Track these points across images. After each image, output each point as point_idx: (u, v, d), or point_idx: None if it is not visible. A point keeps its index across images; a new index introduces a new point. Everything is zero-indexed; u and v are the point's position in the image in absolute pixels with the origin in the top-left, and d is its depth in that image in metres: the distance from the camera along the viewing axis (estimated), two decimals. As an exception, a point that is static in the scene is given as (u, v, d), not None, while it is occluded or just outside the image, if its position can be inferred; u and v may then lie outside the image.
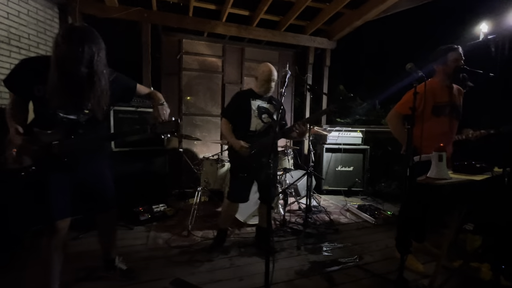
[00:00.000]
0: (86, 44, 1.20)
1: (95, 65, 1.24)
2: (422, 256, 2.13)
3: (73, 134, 1.36)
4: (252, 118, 2.10)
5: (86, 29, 1.24)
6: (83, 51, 1.19)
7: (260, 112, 2.13)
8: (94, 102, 1.33)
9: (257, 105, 2.14)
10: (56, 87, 1.23)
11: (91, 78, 1.26)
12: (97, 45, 1.25)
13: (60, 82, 1.22)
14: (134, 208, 2.80)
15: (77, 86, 1.26)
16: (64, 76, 1.22)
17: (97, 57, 1.24)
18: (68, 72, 1.21)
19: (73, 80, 1.23)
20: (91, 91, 1.30)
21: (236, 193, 2.18)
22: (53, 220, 1.36)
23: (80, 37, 1.20)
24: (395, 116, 1.99)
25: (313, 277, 1.88)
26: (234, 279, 1.84)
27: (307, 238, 2.49)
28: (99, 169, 1.57)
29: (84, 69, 1.22)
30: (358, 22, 3.79)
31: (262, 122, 2.13)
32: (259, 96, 2.16)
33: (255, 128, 2.11)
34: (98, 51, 1.25)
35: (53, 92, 1.24)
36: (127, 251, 2.16)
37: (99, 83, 1.30)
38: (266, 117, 2.14)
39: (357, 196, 4.04)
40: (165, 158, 3.25)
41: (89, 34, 1.23)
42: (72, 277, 1.76)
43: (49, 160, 1.31)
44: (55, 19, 3.28)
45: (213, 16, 3.88)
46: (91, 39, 1.23)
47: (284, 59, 4.68)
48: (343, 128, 4.13)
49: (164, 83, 4.10)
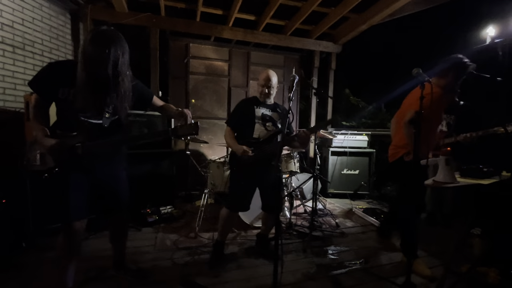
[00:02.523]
0: (113, 46, 1.25)
1: (119, 66, 1.29)
2: (430, 260, 2.12)
3: (95, 137, 1.40)
4: (256, 126, 2.07)
5: (112, 32, 1.29)
6: (109, 53, 1.24)
7: (264, 120, 2.10)
8: (118, 103, 1.37)
9: (261, 113, 2.11)
10: (83, 88, 1.28)
11: (116, 79, 1.30)
12: (122, 48, 1.29)
13: (87, 82, 1.27)
14: (142, 209, 2.85)
15: (103, 86, 1.31)
16: (91, 77, 1.27)
17: (122, 59, 1.29)
18: (94, 73, 1.26)
19: (99, 81, 1.28)
20: (116, 92, 1.34)
21: (237, 202, 2.08)
22: (71, 220, 1.41)
23: (107, 39, 1.25)
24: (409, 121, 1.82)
25: (319, 280, 1.90)
26: (241, 281, 1.86)
27: (313, 241, 2.50)
28: (116, 171, 1.62)
29: (110, 71, 1.26)
30: (363, 26, 3.81)
31: (265, 130, 2.09)
32: (263, 104, 2.13)
33: (258, 135, 2.08)
34: (123, 53, 1.30)
35: (79, 93, 1.29)
36: (136, 252, 2.20)
37: (123, 84, 1.34)
38: (270, 125, 2.10)
39: (363, 199, 4.03)
40: (172, 161, 3.30)
41: (115, 37, 1.28)
42: (82, 277, 1.80)
43: (71, 162, 1.36)
44: (67, 25, 3.38)
45: (220, 21, 3.95)
46: (116, 41, 1.27)
47: (290, 63, 4.72)
48: (348, 131, 4.13)
49: (172, 86, 4.17)
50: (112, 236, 1.79)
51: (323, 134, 3.36)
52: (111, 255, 1.86)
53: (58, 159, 1.34)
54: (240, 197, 2.07)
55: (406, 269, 1.60)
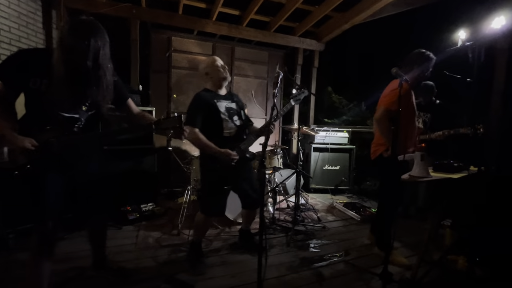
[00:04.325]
0: (93, 38, 1.18)
1: (100, 58, 1.23)
2: (406, 251, 2.25)
3: (71, 132, 1.33)
4: (224, 122, 1.89)
5: (92, 22, 1.23)
6: (89, 44, 1.17)
7: (230, 114, 1.94)
8: (99, 96, 1.31)
9: (224, 107, 1.93)
10: (60, 80, 1.20)
11: (96, 71, 1.24)
12: (102, 39, 1.23)
13: (65, 74, 1.20)
14: (122, 207, 2.76)
15: (82, 79, 1.24)
16: (69, 69, 1.20)
17: (102, 51, 1.23)
18: (73, 65, 1.20)
19: (78, 73, 1.21)
20: (96, 85, 1.28)
21: (215, 207, 1.96)
22: (45, 220, 1.33)
23: (87, 30, 1.18)
24: (385, 115, 1.92)
25: (302, 273, 1.94)
26: (225, 276, 1.86)
27: (296, 235, 2.55)
28: (94, 168, 1.53)
29: (90, 63, 1.20)
30: (346, 26, 3.90)
31: (235, 126, 1.93)
32: (220, 96, 1.98)
33: (229, 133, 1.90)
34: (104, 45, 1.24)
35: (55, 85, 1.21)
36: (116, 251, 2.14)
37: (104, 76, 1.28)
38: (237, 119, 1.97)
39: (344, 194, 4.17)
40: (154, 157, 3.22)
41: (94, 28, 1.21)
42: (61, 277, 1.72)
43: (44, 158, 1.27)
44: (38, 12, 3.16)
45: (203, 14, 3.87)
46: (97, 32, 1.21)
47: (274, 59, 4.74)
48: (330, 128, 4.23)
49: (153, 80, 4.05)
50: (91, 236, 1.72)
51: (305, 131, 3.42)
52: (89, 255, 1.79)
53: (30, 156, 1.24)
54: (218, 202, 1.96)
55: (384, 260, 1.68)
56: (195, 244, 2.06)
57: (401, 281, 1.79)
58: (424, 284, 1.75)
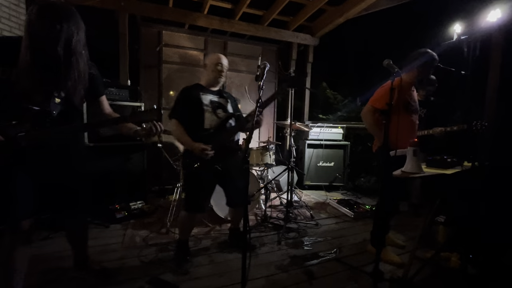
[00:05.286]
0: (64, 22, 1.10)
1: (73, 45, 1.14)
2: (396, 249, 2.21)
3: (42, 125, 1.23)
4: (206, 114, 1.87)
5: (63, 6, 1.14)
6: (61, 30, 1.09)
7: (213, 107, 1.92)
8: (71, 86, 1.22)
9: (209, 100, 1.93)
10: (27, 69, 1.12)
11: (67, 59, 1.16)
12: (76, 24, 1.15)
13: (32, 62, 1.11)
14: (110, 205, 2.69)
15: (52, 68, 1.16)
16: (38, 56, 1.12)
17: (76, 36, 1.15)
18: (42, 52, 1.11)
19: (47, 61, 1.13)
20: (68, 73, 1.19)
21: (197, 204, 1.91)
22: (17, 220, 1.25)
23: (57, 14, 1.10)
24: (370, 111, 2.00)
25: (292, 272, 1.90)
26: (213, 276, 1.81)
27: (288, 233, 2.50)
28: (70, 164, 1.44)
29: (61, 50, 1.12)
30: (340, 19, 3.82)
31: (217, 118, 1.91)
32: (209, 90, 1.97)
33: (209, 125, 1.88)
34: (77, 30, 1.15)
35: (23, 74, 1.12)
36: (101, 250, 2.07)
37: (77, 65, 1.20)
38: (221, 112, 1.94)
39: (338, 191, 4.13)
40: (143, 154, 3.14)
41: (67, 12, 1.13)
42: (40, 279, 1.66)
43: (13, 155, 1.19)
44: (21, 4, 3.04)
45: (194, 7, 3.77)
46: (69, 17, 1.12)
47: (268, 54, 4.66)
48: (324, 124, 4.18)
49: (143, 76, 3.95)
50: (69, 236, 1.65)
51: (299, 127, 3.36)
52: (71, 255, 1.72)
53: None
54: (200, 198, 1.92)
55: (375, 258, 1.64)
56: (181, 242, 2.00)
57: (392, 280, 1.75)
58: (416, 282, 1.71)
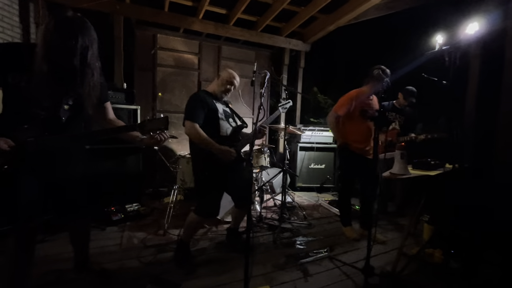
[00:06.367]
0: (81, 36, 1.15)
1: (89, 58, 1.20)
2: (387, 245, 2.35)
3: (51, 131, 1.27)
4: (221, 122, 1.95)
5: (80, 20, 1.19)
6: (77, 44, 1.14)
7: (226, 116, 2.01)
8: (86, 96, 1.27)
9: (222, 109, 2.01)
10: (42, 78, 1.16)
11: (83, 71, 1.21)
12: (91, 37, 1.20)
13: (48, 73, 1.16)
14: (106, 208, 2.69)
15: (66, 78, 1.20)
16: (54, 68, 1.16)
17: (91, 49, 1.20)
18: (58, 64, 1.16)
19: (63, 72, 1.18)
20: (82, 84, 1.24)
21: (211, 208, 1.94)
22: (23, 222, 1.28)
23: (75, 28, 1.15)
24: (332, 116, 2.47)
25: (289, 269, 1.98)
26: (212, 275, 1.87)
27: (282, 233, 2.59)
28: (74, 170, 1.48)
29: (77, 62, 1.17)
30: (331, 27, 3.98)
31: (230, 126, 2.00)
32: (219, 100, 2.05)
33: (225, 133, 1.96)
34: (91, 43, 1.21)
35: (37, 82, 1.17)
36: (100, 252, 2.09)
37: (92, 76, 1.25)
38: (232, 122, 2.05)
39: (329, 192, 4.27)
40: (139, 156, 3.15)
41: (83, 25, 1.18)
42: (40, 281, 1.67)
43: (21, 159, 1.22)
44: (14, 5, 3.02)
45: (190, 12, 3.83)
46: (85, 30, 1.17)
47: (261, 59, 4.77)
48: (316, 127, 4.32)
49: (138, 78, 3.96)
50: (73, 238, 1.67)
51: (292, 130, 3.47)
52: (71, 257, 1.74)
53: (6, 156, 1.17)
54: (214, 202, 1.95)
55: (366, 255, 1.75)
56: (183, 243, 2.04)
57: (382, 274, 1.87)
58: (403, 277, 1.83)
